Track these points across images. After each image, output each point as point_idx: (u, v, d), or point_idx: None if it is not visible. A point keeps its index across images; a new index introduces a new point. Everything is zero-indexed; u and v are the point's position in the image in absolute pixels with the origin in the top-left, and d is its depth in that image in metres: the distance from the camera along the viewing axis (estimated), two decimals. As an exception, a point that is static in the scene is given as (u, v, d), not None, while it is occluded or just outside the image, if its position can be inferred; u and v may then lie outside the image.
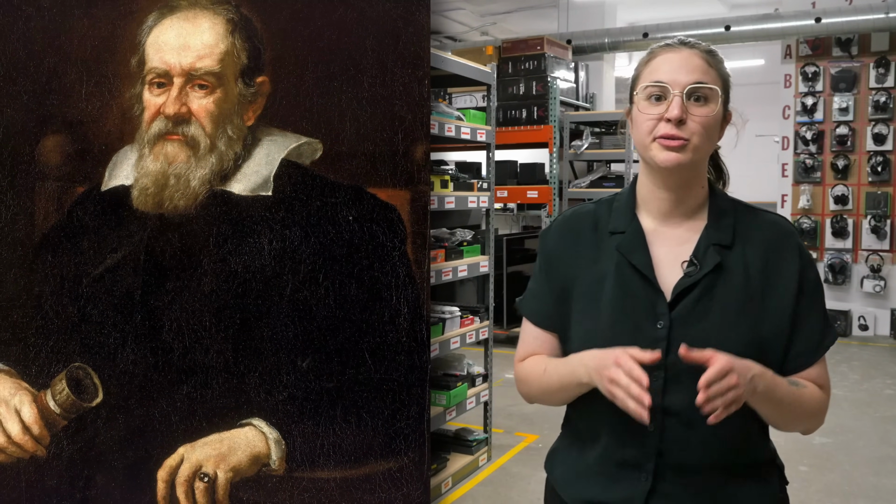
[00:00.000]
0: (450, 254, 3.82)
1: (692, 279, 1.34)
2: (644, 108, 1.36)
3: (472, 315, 4.12)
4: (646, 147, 1.36)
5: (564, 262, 1.46)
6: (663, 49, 1.38)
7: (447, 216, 4.32)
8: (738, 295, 1.34)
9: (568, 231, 1.48)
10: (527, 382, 1.55)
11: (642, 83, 1.37)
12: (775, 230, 1.40)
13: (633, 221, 1.42)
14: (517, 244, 7.70)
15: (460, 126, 3.86)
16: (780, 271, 1.36)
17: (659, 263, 1.38)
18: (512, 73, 7.39)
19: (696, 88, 1.32)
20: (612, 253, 1.41)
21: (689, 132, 1.31)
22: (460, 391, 3.87)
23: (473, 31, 9.45)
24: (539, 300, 1.50)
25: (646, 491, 1.36)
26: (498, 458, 4.33)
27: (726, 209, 1.41)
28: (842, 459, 4.40)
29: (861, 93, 7.79)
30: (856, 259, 7.85)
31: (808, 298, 1.37)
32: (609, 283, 1.39)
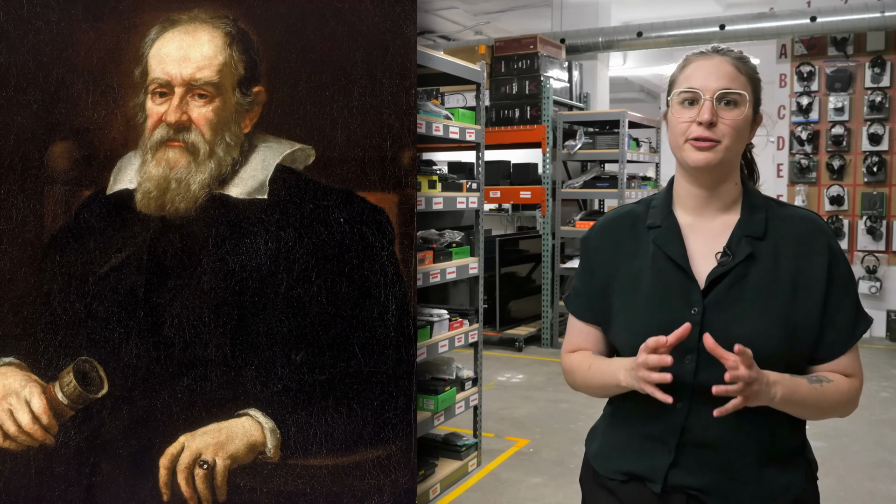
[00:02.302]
0: (438, 255, 3.83)
1: (725, 268, 1.48)
2: (678, 112, 1.50)
3: (462, 318, 4.11)
4: (679, 148, 1.50)
5: (606, 260, 1.61)
6: (697, 57, 1.52)
7: (440, 217, 4.28)
8: (768, 283, 1.47)
9: (608, 231, 1.64)
10: (572, 374, 1.68)
11: (677, 89, 1.51)
12: (806, 224, 1.52)
13: (669, 216, 1.56)
14: (511, 245, 7.81)
15: (448, 125, 3.88)
16: (810, 263, 1.48)
17: (694, 255, 1.52)
18: (505, 73, 7.49)
19: (725, 93, 1.46)
20: (650, 246, 1.55)
21: (719, 134, 1.46)
22: (448, 395, 3.87)
23: (467, 31, 9.55)
24: (583, 297, 1.65)
25: (667, 464, 1.50)
26: (488, 464, 4.32)
27: (759, 204, 1.54)
28: (837, 464, 4.38)
29: (857, 93, 7.93)
30: (851, 260, 7.97)
31: (839, 290, 1.49)
32: (647, 273, 1.54)
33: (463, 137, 4.01)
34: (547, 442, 4.71)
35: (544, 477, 4.11)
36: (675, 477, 1.50)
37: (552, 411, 5.38)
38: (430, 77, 4.19)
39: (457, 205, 3.91)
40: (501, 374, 6.49)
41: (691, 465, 1.49)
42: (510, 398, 5.74)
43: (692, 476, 1.49)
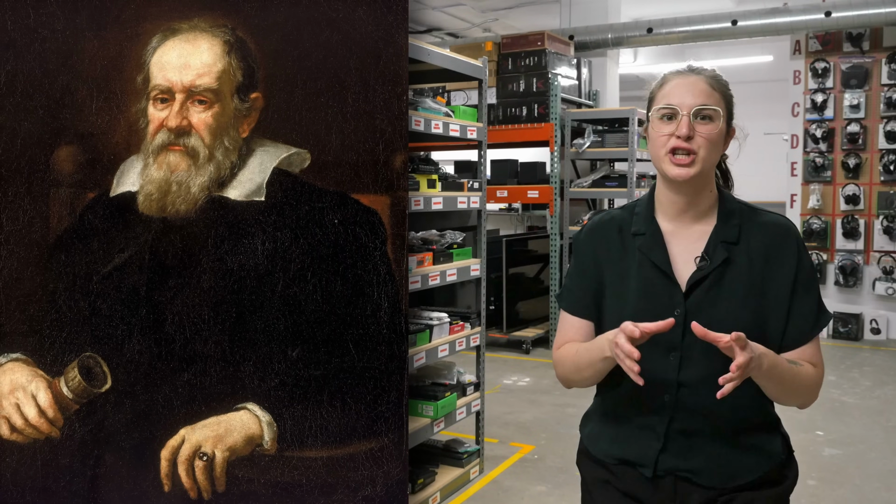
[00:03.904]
0: (438, 257, 3.83)
1: (703, 272, 1.68)
2: (657, 127, 1.69)
3: (464, 321, 4.09)
4: (660, 160, 1.69)
5: (596, 262, 1.80)
6: (674, 76, 1.72)
7: (446, 217, 4.29)
8: (743, 285, 1.68)
9: (596, 235, 1.82)
10: (562, 364, 1.84)
11: (656, 105, 1.70)
12: (775, 229, 1.72)
13: (652, 224, 1.76)
14: (519, 245, 7.88)
15: (448, 123, 3.86)
16: (779, 263, 1.69)
17: (675, 259, 1.72)
18: (512, 70, 7.58)
19: (701, 109, 1.65)
20: (635, 252, 1.75)
21: (696, 145, 1.65)
22: (449, 401, 3.85)
23: (475, 28, 9.69)
24: (575, 294, 1.83)
25: (657, 450, 1.71)
26: (490, 471, 4.35)
27: (733, 210, 1.74)
28: (852, 473, 4.39)
29: (873, 89, 7.97)
30: (867, 261, 8.03)
31: (802, 284, 1.70)
32: (633, 278, 1.74)
33: (464, 135, 4.05)
34: (552, 448, 4.78)
35: (548, 485, 4.14)
36: (665, 462, 1.71)
37: (558, 416, 5.47)
38: (432, 74, 4.20)
39: (458, 205, 3.96)
40: (508, 377, 6.58)
41: (679, 450, 1.71)
42: (515, 402, 5.83)
43: (681, 459, 1.71)
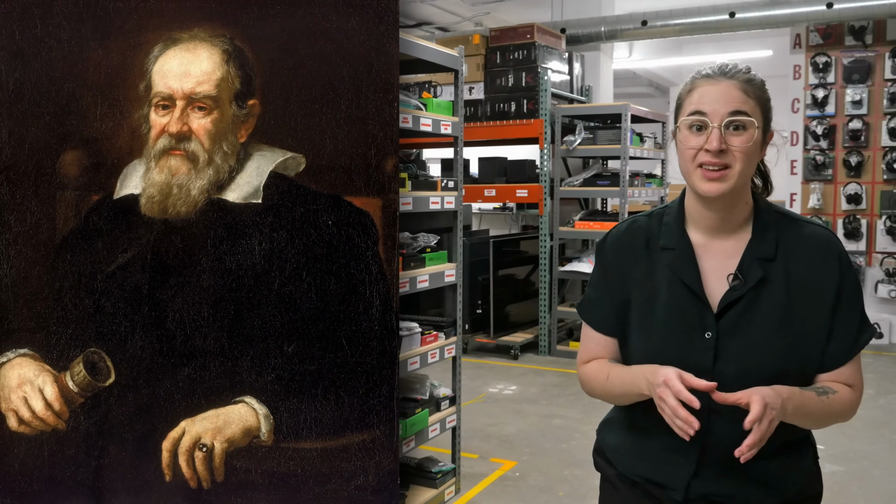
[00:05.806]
0: (408, 262, 3.72)
1: (737, 293, 1.64)
2: (686, 138, 1.63)
3: (437, 330, 3.99)
4: (689, 173, 1.64)
5: (622, 276, 1.78)
6: (704, 80, 1.65)
7: (434, 217, 4.25)
8: (779, 307, 1.63)
9: (623, 246, 1.80)
10: (590, 384, 1.84)
11: (684, 112, 1.65)
12: (815, 241, 1.67)
13: (682, 237, 1.72)
14: (508, 246, 8.02)
15: (419, 117, 3.79)
16: (820, 281, 1.64)
17: (707, 276, 1.68)
18: (500, 64, 7.71)
19: (733, 120, 1.60)
20: (664, 268, 1.71)
21: (729, 159, 1.59)
22: (420, 418, 3.76)
23: (466, 22, 9.79)
24: (599, 308, 1.82)
25: (689, 474, 1.69)
26: (467, 490, 4.30)
27: (770, 223, 1.69)
28: (855, 492, 4.38)
29: (875, 84, 8.12)
30: (870, 262, 8.21)
31: (845, 302, 1.65)
32: (662, 297, 1.70)
33: (437, 130, 3.95)
34: (535, 465, 4.79)
35: (527, 508, 4.19)
36: (697, 488, 1.70)
37: (544, 428, 5.51)
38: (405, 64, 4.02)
39: (430, 205, 3.86)
40: (493, 385, 6.66)
41: (713, 476, 1.69)
42: (500, 413, 5.89)
43: (715, 484, 1.69)
